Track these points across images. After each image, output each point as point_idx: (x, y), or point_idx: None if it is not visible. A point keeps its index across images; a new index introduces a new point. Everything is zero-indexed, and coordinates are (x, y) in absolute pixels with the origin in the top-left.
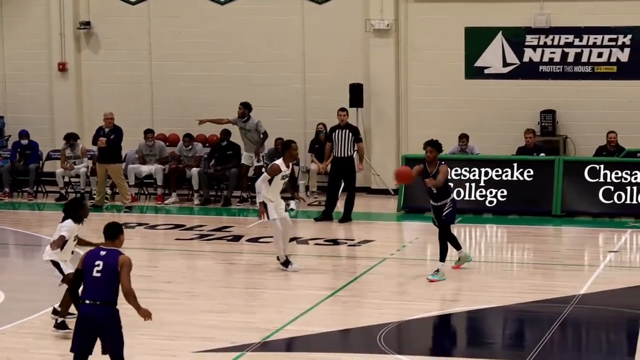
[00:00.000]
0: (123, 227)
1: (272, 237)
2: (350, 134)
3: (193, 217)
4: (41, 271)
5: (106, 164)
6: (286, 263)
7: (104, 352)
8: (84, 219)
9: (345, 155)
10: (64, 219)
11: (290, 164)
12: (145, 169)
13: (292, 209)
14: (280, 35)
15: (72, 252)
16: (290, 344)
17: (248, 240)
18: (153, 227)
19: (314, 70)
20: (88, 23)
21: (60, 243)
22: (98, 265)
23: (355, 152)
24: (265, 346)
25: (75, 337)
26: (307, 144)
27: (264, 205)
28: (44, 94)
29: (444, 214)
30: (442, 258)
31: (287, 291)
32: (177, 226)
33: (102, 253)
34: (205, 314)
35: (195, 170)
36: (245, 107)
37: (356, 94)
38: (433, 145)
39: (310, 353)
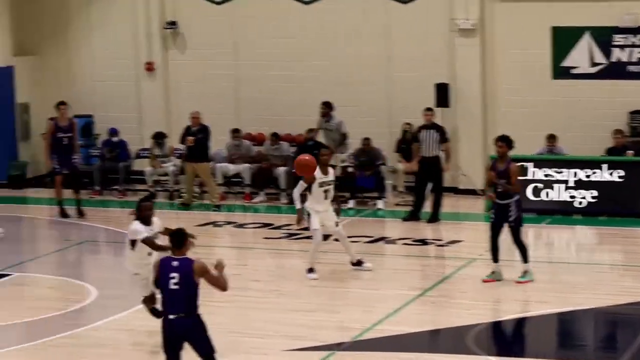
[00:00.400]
0: (187, 232)
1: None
2: (437, 134)
3: (281, 216)
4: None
5: (194, 163)
6: (311, 270)
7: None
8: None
9: (432, 154)
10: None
11: (331, 171)
12: (233, 167)
13: (379, 209)
14: (364, 35)
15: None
16: (380, 344)
17: (335, 239)
18: (241, 225)
19: (399, 70)
20: (174, 23)
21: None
22: (173, 277)
23: (442, 151)
24: (355, 345)
25: (165, 348)
26: (394, 144)
27: (301, 212)
28: (132, 93)
29: (510, 218)
30: (525, 259)
31: (376, 291)
32: (265, 225)
33: (175, 264)
34: (294, 312)
35: (282, 169)
36: (328, 107)
37: (442, 93)
38: (503, 140)
39: (400, 353)
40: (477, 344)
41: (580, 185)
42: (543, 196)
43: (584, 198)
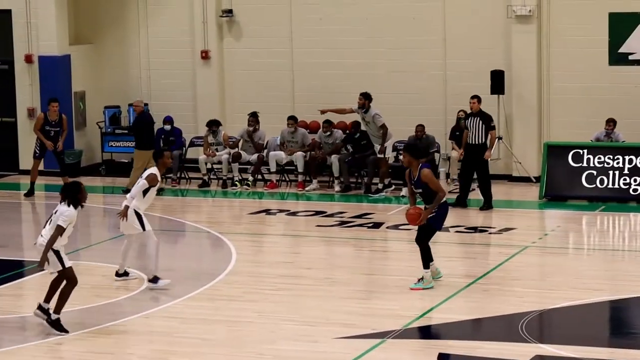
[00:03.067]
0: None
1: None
2: (481, 122)
3: (333, 203)
4: (183, 257)
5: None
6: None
7: None
8: (82, 203)
9: (477, 142)
10: (61, 201)
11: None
12: (286, 155)
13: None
14: (420, 22)
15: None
16: (430, 332)
17: (389, 227)
18: (294, 213)
19: (455, 57)
20: (230, 11)
21: (58, 234)
22: None
23: (488, 140)
24: (405, 333)
25: None
26: (448, 131)
27: (128, 209)
28: (187, 82)
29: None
30: (425, 264)
31: None
32: (317, 213)
33: None
34: (346, 300)
35: (335, 157)
36: (365, 98)
37: (498, 80)
38: (407, 150)
39: (450, 341)
40: (530, 332)
41: (635, 172)
42: (598, 183)
43: (639, 185)
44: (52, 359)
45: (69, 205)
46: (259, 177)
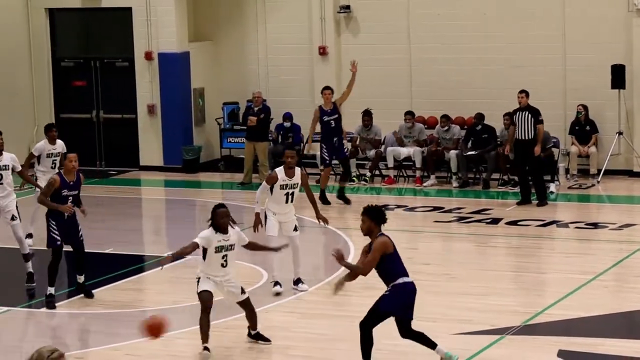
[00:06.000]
0: None
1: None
2: (530, 116)
3: (451, 199)
4: (302, 252)
5: (254, 142)
6: (275, 283)
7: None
8: (226, 227)
9: (525, 137)
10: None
11: (297, 173)
12: (404, 151)
13: (551, 192)
14: (539, 16)
15: (225, 265)
16: (550, 328)
17: (507, 223)
18: (412, 209)
19: (575, 52)
20: (348, 7)
21: (190, 248)
22: None
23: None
24: (525, 329)
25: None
26: (568, 126)
27: (258, 216)
28: (305, 78)
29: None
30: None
31: (547, 275)
32: (435, 208)
33: None
34: (464, 296)
35: (453, 152)
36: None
37: (618, 75)
38: (366, 214)
39: (571, 337)
40: None
41: None
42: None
43: None
44: (171, 355)
45: (210, 227)
46: (377, 172)
